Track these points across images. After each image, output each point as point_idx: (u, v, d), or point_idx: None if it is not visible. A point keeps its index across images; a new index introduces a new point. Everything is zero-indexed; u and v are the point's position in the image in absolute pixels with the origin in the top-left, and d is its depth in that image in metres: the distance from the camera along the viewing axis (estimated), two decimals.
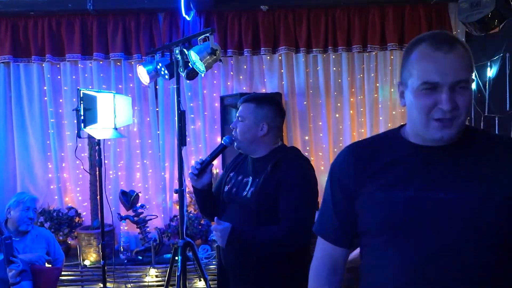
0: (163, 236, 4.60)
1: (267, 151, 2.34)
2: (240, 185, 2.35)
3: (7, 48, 4.71)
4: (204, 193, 2.48)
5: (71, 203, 4.94)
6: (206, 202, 2.53)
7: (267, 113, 2.34)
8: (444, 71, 1.26)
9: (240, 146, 2.38)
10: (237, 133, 2.35)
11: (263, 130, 2.32)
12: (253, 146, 2.35)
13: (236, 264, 2.34)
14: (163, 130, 4.90)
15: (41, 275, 3.12)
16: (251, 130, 2.32)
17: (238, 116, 2.37)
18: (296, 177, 2.21)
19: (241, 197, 2.31)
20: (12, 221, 3.56)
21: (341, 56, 4.83)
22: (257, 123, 2.32)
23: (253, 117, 2.33)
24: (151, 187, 4.96)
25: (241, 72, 4.91)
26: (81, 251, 4.36)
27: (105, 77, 4.88)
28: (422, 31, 4.69)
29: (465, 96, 1.27)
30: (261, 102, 2.36)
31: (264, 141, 2.34)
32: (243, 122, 2.34)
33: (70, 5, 4.59)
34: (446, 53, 1.26)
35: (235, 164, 2.51)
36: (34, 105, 4.86)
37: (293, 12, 4.76)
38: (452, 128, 1.28)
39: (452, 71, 1.26)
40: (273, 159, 2.26)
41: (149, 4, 4.63)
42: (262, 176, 2.24)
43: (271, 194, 2.19)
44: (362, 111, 4.91)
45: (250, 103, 2.35)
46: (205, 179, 2.42)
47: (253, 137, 2.33)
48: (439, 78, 1.26)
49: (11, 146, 4.89)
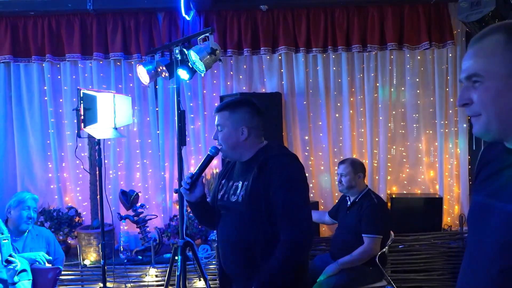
0: (163, 235, 4.61)
1: (253, 152, 2.33)
2: (231, 190, 2.35)
3: (7, 48, 4.71)
4: (199, 205, 2.45)
5: (71, 202, 4.94)
6: (202, 213, 2.51)
7: (243, 116, 2.32)
8: (463, 67, 1.24)
9: (226, 155, 2.38)
10: (219, 143, 2.35)
11: (244, 134, 2.30)
12: (238, 152, 2.34)
13: (235, 269, 2.35)
14: (163, 130, 4.90)
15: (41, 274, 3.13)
16: (232, 137, 2.31)
17: (217, 125, 2.35)
18: (285, 175, 2.20)
19: (232, 202, 2.31)
20: (13, 221, 3.57)
21: (341, 55, 4.83)
22: (236, 128, 2.30)
23: (230, 123, 2.31)
24: (151, 187, 4.96)
25: (241, 72, 4.91)
26: (81, 250, 4.36)
27: (105, 77, 4.89)
28: (421, 31, 4.70)
29: (480, 91, 1.20)
30: (234, 107, 2.33)
31: (247, 144, 2.33)
32: (222, 131, 2.32)
33: (69, 5, 4.59)
34: (469, 48, 1.23)
35: (226, 171, 2.51)
36: (34, 105, 4.86)
37: (292, 11, 4.76)
38: (477, 125, 1.22)
39: (465, 66, 1.22)
40: (260, 159, 2.26)
41: (148, 4, 4.63)
42: (251, 178, 2.24)
43: (261, 195, 2.19)
44: (362, 111, 4.91)
45: (224, 111, 2.34)
46: (198, 192, 2.39)
47: (235, 143, 2.31)
48: (461, 74, 1.25)
49: (11, 146, 4.89)
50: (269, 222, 2.19)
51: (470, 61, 1.22)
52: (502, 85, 1.17)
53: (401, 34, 4.75)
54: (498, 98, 1.18)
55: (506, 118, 1.18)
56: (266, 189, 2.19)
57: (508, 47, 1.17)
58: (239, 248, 2.28)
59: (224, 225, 2.38)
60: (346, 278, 3.52)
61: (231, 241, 2.32)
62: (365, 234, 3.56)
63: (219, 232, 2.44)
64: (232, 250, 2.32)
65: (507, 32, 1.18)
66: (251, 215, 2.21)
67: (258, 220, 2.20)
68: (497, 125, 1.19)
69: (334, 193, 4.83)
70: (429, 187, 4.95)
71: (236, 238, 2.28)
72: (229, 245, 2.34)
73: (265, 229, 2.21)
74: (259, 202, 2.19)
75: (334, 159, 4.86)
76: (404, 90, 4.92)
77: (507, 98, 1.17)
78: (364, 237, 3.56)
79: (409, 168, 5.00)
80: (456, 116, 4.89)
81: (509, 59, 1.17)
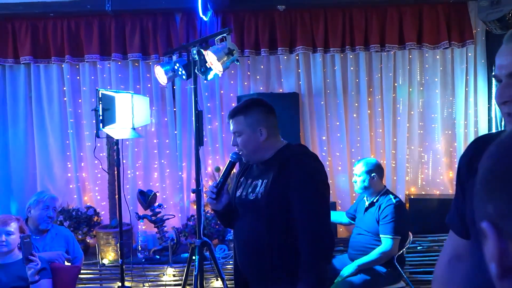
0: (180, 235, 4.62)
1: (273, 152, 2.32)
2: (250, 188, 2.35)
3: (27, 49, 4.77)
4: (226, 213, 2.45)
5: (89, 202, 4.99)
6: (229, 219, 2.50)
7: (257, 117, 2.30)
8: (501, 63, 1.19)
9: (248, 159, 2.37)
10: (240, 149, 2.33)
11: (263, 135, 2.29)
12: (259, 153, 2.33)
13: (251, 268, 2.35)
14: (181, 130, 4.92)
15: (61, 273, 3.16)
16: (251, 140, 2.29)
17: (234, 132, 2.34)
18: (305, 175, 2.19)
19: (251, 199, 2.30)
20: (33, 220, 3.61)
21: (359, 55, 4.80)
22: (254, 131, 2.29)
23: (247, 127, 2.29)
24: (169, 187, 4.99)
25: (258, 72, 4.91)
26: (99, 250, 4.40)
27: (123, 78, 4.92)
28: (440, 30, 4.65)
29: None
30: (247, 110, 2.32)
31: (267, 144, 2.31)
32: (240, 136, 2.31)
33: (88, 6, 4.63)
34: (507, 43, 1.19)
35: (244, 170, 2.51)
36: (54, 106, 4.92)
37: (309, 11, 4.74)
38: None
39: (506, 62, 1.17)
40: (280, 159, 2.26)
41: (166, 5, 4.66)
42: (271, 176, 2.23)
43: (281, 193, 2.18)
44: (379, 111, 4.88)
45: (238, 116, 2.32)
46: (224, 200, 2.39)
47: (256, 145, 2.30)
48: (497, 71, 1.20)
49: (31, 146, 4.96)
50: (287, 221, 2.18)
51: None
52: None
53: (420, 33, 4.70)
54: None
55: None
56: (285, 188, 2.18)
57: None
58: (256, 247, 2.27)
59: (241, 223, 2.37)
60: (363, 279, 3.49)
61: (248, 239, 2.31)
62: (383, 235, 3.53)
63: (236, 230, 2.43)
64: (248, 249, 2.32)
65: None
66: (269, 213, 2.20)
67: (275, 218, 2.20)
68: None
69: (351, 193, 4.80)
70: (448, 188, 4.89)
71: (253, 236, 2.27)
72: (245, 244, 2.34)
73: (282, 228, 2.20)
74: (277, 201, 2.18)
75: (352, 159, 4.83)
76: (423, 90, 4.88)
77: None
78: (382, 238, 3.53)
79: (428, 169, 4.95)
80: (475, 116, 4.83)
81: None
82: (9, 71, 4.91)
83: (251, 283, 2.41)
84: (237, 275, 2.49)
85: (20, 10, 4.64)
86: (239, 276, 2.48)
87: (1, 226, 2.99)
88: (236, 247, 2.44)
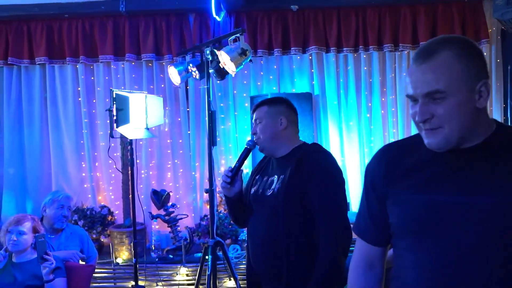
0: (193, 235, 4.64)
1: (289, 149, 2.34)
2: (266, 185, 2.35)
3: (42, 50, 4.82)
4: (236, 201, 2.46)
5: (104, 201, 5.03)
6: (239, 210, 2.51)
7: (280, 108, 2.36)
8: (415, 84, 1.28)
9: (263, 147, 2.38)
10: (258, 135, 2.36)
11: (283, 124, 2.33)
12: (275, 143, 2.35)
13: (265, 266, 2.34)
14: (194, 130, 4.94)
15: (75, 272, 3.18)
16: (271, 127, 2.33)
17: (255, 119, 2.38)
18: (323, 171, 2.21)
19: (267, 196, 2.30)
20: (47, 219, 3.64)
21: (372, 55, 4.78)
22: (275, 119, 2.33)
23: (269, 115, 2.34)
24: (182, 187, 5.00)
25: (271, 72, 4.90)
26: (113, 249, 4.43)
27: (137, 78, 4.95)
28: (455, 29, 4.61)
29: (443, 106, 1.25)
30: (272, 102, 2.40)
31: (285, 136, 2.34)
32: (261, 122, 2.35)
33: (103, 7, 4.67)
34: (419, 65, 1.27)
35: (260, 168, 2.51)
36: (69, 106, 4.96)
37: (323, 11, 4.73)
38: (437, 138, 1.28)
39: (423, 83, 1.26)
40: (296, 155, 2.27)
41: (179, 5, 4.67)
42: (288, 172, 2.23)
43: (298, 189, 2.18)
44: (393, 111, 4.85)
45: (262, 106, 2.38)
46: (237, 187, 2.42)
47: (274, 133, 2.33)
48: (412, 91, 1.29)
49: (46, 146, 5.01)
50: (304, 217, 2.18)
51: (426, 78, 1.26)
52: (463, 98, 1.24)
53: (434, 32, 4.66)
54: (460, 111, 1.25)
55: (466, 128, 1.26)
56: (303, 183, 2.18)
57: (461, 63, 1.24)
58: (270, 244, 2.26)
59: (256, 220, 2.37)
60: None
61: (262, 235, 2.30)
62: None
63: (250, 227, 2.43)
64: (263, 245, 2.31)
65: (452, 49, 1.26)
66: (286, 209, 2.20)
67: (292, 214, 2.19)
68: (458, 136, 1.26)
69: None
70: None
71: (269, 233, 2.27)
72: (259, 240, 2.33)
73: (298, 224, 2.20)
74: (294, 196, 2.19)
75: (365, 159, 4.81)
76: None
77: (467, 109, 1.25)
78: None
79: None
80: (491, 115, 4.76)
81: (464, 73, 1.24)
82: (25, 71, 4.97)
83: (264, 282, 2.41)
84: (249, 274, 2.49)
85: (36, 11, 4.69)
86: (251, 275, 2.47)
87: (14, 226, 3.02)
88: (250, 244, 2.43)
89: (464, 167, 1.29)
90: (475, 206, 1.23)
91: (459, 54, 1.25)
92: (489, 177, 1.25)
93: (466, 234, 1.24)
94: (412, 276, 1.33)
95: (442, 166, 1.32)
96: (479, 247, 1.22)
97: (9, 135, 4.98)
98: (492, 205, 1.22)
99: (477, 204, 1.23)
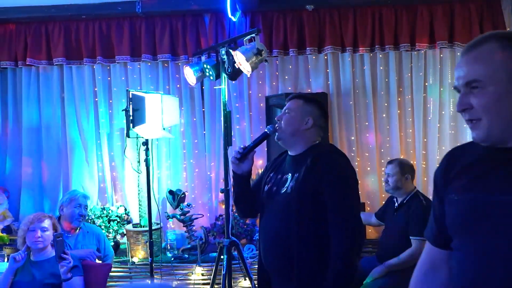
0: (208, 235, 4.65)
1: (305, 147, 2.35)
2: (280, 182, 2.36)
3: (60, 50, 4.87)
4: (243, 179, 2.50)
5: (120, 201, 5.06)
6: (242, 190, 2.54)
7: (313, 109, 2.39)
8: (458, 74, 1.28)
9: (281, 137, 2.40)
10: (281, 124, 2.38)
11: (308, 124, 2.35)
12: (294, 139, 2.37)
13: (276, 264, 2.34)
14: (209, 130, 4.95)
15: (92, 270, 3.21)
16: (296, 122, 2.36)
17: (286, 109, 2.41)
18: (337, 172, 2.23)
19: (281, 193, 2.31)
20: (65, 218, 3.69)
21: (389, 55, 4.75)
22: (303, 117, 2.36)
23: (300, 110, 2.37)
24: (197, 187, 5.02)
25: (286, 72, 4.90)
26: (129, 248, 4.46)
27: (153, 78, 4.98)
28: (473, 28, 4.56)
29: (480, 96, 1.23)
30: (309, 100, 2.43)
31: (305, 136, 2.36)
32: (289, 114, 2.38)
33: (119, 9, 4.70)
34: (462, 57, 1.28)
35: (275, 165, 2.53)
36: (85, 106, 5.01)
37: (338, 11, 4.71)
38: (478, 130, 1.27)
39: (463, 73, 1.26)
40: (312, 155, 2.28)
41: (195, 6, 4.68)
42: (302, 170, 2.24)
43: (312, 188, 2.20)
44: (410, 110, 4.81)
45: (298, 99, 2.42)
46: (246, 166, 2.46)
47: (296, 129, 2.35)
48: (456, 82, 1.29)
49: (63, 146, 5.06)
50: (317, 215, 2.19)
51: (467, 68, 1.26)
52: (502, 89, 1.22)
53: (452, 32, 4.61)
54: (499, 102, 1.23)
55: (507, 121, 1.24)
56: (317, 182, 2.20)
57: (504, 53, 1.22)
58: (282, 241, 2.27)
59: (269, 218, 2.38)
60: (392, 281, 3.45)
61: (275, 233, 2.31)
62: (413, 236, 3.47)
63: (263, 225, 2.44)
64: (274, 243, 2.32)
65: (499, 40, 1.24)
66: (298, 207, 2.21)
67: (304, 213, 2.20)
68: (498, 128, 1.24)
69: (381, 194, 4.74)
70: None
71: (280, 231, 2.27)
72: (271, 238, 2.34)
73: (311, 222, 2.20)
74: (307, 196, 2.20)
75: (381, 160, 4.78)
76: None
77: (507, 102, 1.22)
78: (412, 240, 3.48)
79: None
80: None
81: (506, 64, 1.22)
82: (43, 72, 5.02)
83: (274, 281, 2.41)
84: (260, 272, 2.50)
85: (53, 13, 4.74)
86: (262, 274, 2.48)
87: (37, 223, 3.06)
88: (262, 242, 2.43)
89: (510, 166, 1.26)
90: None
91: (503, 46, 1.23)
92: None
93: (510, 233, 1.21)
94: (457, 275, 1.33)
95: (488, 165, 1.30)
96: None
97: (27, 135, 5.04)
98: None
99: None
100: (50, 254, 3.07)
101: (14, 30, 4.95)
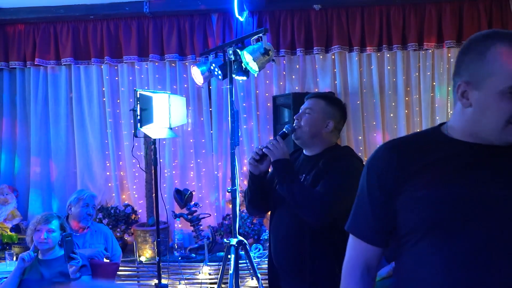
0: (216, 234, 4.66)
1: (322, 149, 2.33)
2: None
3: (68, 51, 4.90)
4: (259, 180, 2.46)
5: (127, 200, 5.08)
6: (258, 190, 2.49)
7: (335, 112, 2.36)
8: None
9: (299, 137, 2.37)
10: (300, 124, 2.35)
11: (328, 128, 2.32)
12: (312, 141, 2.34)
13: (288, 263, 2.33)
14: (216, 130, 4.95)
15: (100, 269, 3.22)
16: (317, 125, 2.32)
17: (306, 108, 2.36)
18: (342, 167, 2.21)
19: None
20: (73, 217, 3.71)
21: (396, 54, 4.73)
22: (324, 119, 2.33)
23: (322, 112, 2.33)
24: (205, 186, 5.02)
25: (294, 72, 4.89)
26: (137, 247, 4.47)
27: (161, 78, 4.99)
28: (481, 27, 4.53)
29: None
30: (332, 101, 2.39)
31: (324, 138, 2.34)
32: (310, 114, 2.34)
33: (127, 9, 4.72)
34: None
35: None
36: (93, 106, 5.03)
37: (346, 10, 4.70)
38: None
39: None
40: (326, 156, 2.27)
41: (203, 6, 4.69)
42: (312, 173, 2.23)
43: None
44: (417, 110, 4.79)
45: (321, 100, 2.37)
46: (264, 167, 2.42)
47: (316, 132, 2.33)
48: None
49: (71, 145, 5.08)
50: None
51: None
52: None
53: (460, 31, 4.59)
54: None
55: None
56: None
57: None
58: (293, 241, 2.27)
59: (279, 217, 2.37)
60: None
61: (285, 233, 2.31)
62: None
63: (273, 224, 2.43)
64: (285, 243, 2.32)
65: None
66: None
67: None
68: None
69: None
70: None
71: (292, 230, 2.27)
72: (282, 238, 2.34)
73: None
74: None
75: None
76: None
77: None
78: None
79: None
80: None
81: None
82: (51, 72, 5.05)
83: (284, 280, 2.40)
84: (270, 272, 2.49)
85: (62, 13, 4.77)
86: (272, 273, 2.48)
87: (43, 224, 3.08)
88: (273, 241, 2.43)
89: (494, 160, 1.25)
90: (506, 199, 1.20)
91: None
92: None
93: (502, 227, 1.19)
94: (437, 271, 1.25)
95: (471, 160, 1.27)
96: (508, 241, 1.19)
97: (35, 134, 5.07)
98: None
99: (508, 197, 1.20)
100: (59, 253, 3.09)
101: (22, 31, 4.99)
